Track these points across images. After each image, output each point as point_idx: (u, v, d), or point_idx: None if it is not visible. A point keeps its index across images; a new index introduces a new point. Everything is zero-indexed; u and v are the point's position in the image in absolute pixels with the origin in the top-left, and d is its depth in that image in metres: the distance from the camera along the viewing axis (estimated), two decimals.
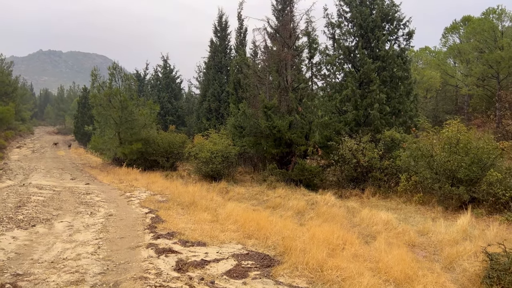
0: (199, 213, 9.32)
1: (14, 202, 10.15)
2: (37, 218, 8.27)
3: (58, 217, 8.62)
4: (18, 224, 7.52)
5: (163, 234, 7.13)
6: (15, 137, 43.86)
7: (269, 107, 16.45)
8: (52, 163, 26.21)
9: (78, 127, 45.00)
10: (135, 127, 23.35)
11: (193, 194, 12.39)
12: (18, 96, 47.96)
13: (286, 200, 13.13)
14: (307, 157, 17.99)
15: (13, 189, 13.23)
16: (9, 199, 10.69)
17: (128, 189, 14.35)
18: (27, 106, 59.66)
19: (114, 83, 24.11)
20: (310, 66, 17.07)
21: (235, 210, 9.68)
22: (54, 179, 17.36)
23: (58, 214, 8.97)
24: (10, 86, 43.34)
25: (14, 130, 45.05)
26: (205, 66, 35.31)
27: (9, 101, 40.34)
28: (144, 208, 10.14)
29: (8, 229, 7.10)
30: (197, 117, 33.37)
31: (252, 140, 17.45)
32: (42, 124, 76.70)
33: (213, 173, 18.82)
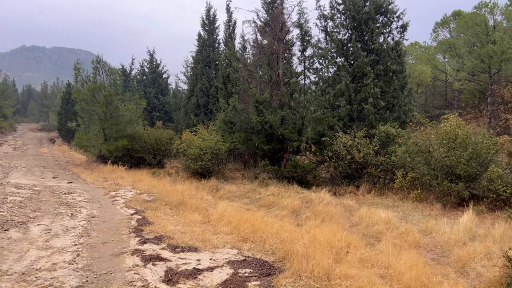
0: (189, 214, 8.71)
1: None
2: (12, 221, 7.55)
3: (35, 219, 7.92)
4: None
5: (150, 238, 6.51)
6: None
7: (260, 102, 15.87)
8: (34, 161, 25.18)
9: (62, 123, 43.74)
10: (120, 123, 22.52)
11: (182, 193, 11.75)
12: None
13: (279, 199, 12.59)
14: (300, 153, 17.49)
15: None
16: None
17: (113, 188, 13.63)
18: (9, 102, 57.81)
19: (99, 78, 23.20)
20: (302, 60, 16.54)
21: (228, 210, 9.09)
22: (34, 178, 16.49)
23: (36, 216, 8.26)
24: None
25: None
26: (193, 60, 34.49)
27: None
28: (129, 209, 9.48)
29: None
30: (185, 113, 32.60)
31: (243, 136, 16.85)
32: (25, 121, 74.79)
33: (202, 170, 18.18)
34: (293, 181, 15.77)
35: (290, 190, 14.43)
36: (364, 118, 16.85)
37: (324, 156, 15.56)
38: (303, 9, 16.84)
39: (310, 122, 16.23)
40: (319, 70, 17.92)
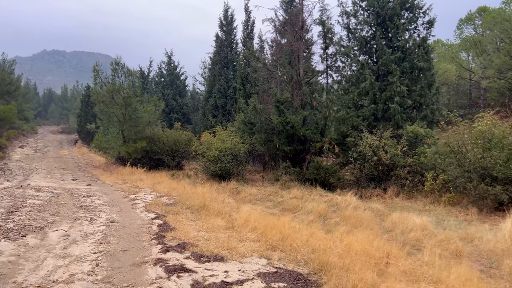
0: (211, 219, 8.29)
1: (7, 206, 9.17)
2: (30, 226, 7.27)
3: (54, 224, 7.63)
4: (7, 234, 6.53)
5: (172, 245, 6.11)
6: (18, 136, 43.06)
7: (281, 102, 15.39)
8: (54, 163, 25.30)
9: (82, 126, 44.09)
10: (139, 125, 22.36)
11: (202, 195, 11.37)
12: (20, 95, 47.09)
13: (303, 202, 12.08)
14: (322, 154, 16.93)
15: (9, 191, 12.27)
16: (2, 203, 9.71)
17: (132, 191, 13.35)
18: (31, 105, 58.79)
19: (117, 79, 23.12)
20: (325, 58, 15.97)
21: (252, 214, 8.64)
22: (54, 180, 16.41)
23: (54, 220, 7.98)
24: (12, 85, 42.47)
25: (17, 130, 44.26)
26: (211, 61, 34.25)
27: (11, 100, 39.49)
28: (150, 213, 9.13)
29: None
30: (203, 114, 32.36)
31: (263, 137, 16.40)
32: (46, 124, 76.02)
33: (221, 172, 17.80)
34: (315, 183, 15.22)
35: (313, 193, 13.90)
36: (389, 117, 16.20)
37: (348, 157, 14.96)
38: (325, 6, 16.28)
39: (333, 122, 15.66)
40: (341, 68, 17.33)
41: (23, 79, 57.35)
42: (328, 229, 8.37)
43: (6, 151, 29.24)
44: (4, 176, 17.49)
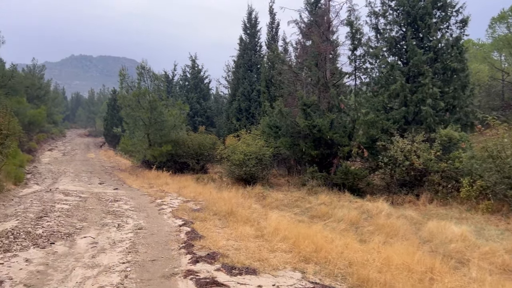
0: (240, 226, 8.05)
1: (36, 211, 9.22)
2: (58, 232, 7.23)
3: (82, 231, 7.56)
4: (36, 241, 6.48)
5: (202, 256, 5.90)
6: (47, 140, 44.22)
7: (308, 105, 15.05)
8: (81, 166, 25.75)
9: (108, 129, 44.89)
10: (164, 128, 22.46)
11: (229, 201, 11.16)
12: (49, 99, 48.40)
13: (332, 208, 11.70)
14: (349, 159, 16.46)
15: (39, 195, 12.43)
16: (32, 207, 9.79)
17: (158, 195, 13.30)
18: (59, 109, 60.42)
19: (143, 83, 23.32)
20: (353, 59, 15.54)
21: (281, 222, 8.36)
22: (82, 184, 16.60)
23: (82, 227, 7.92)
24: (41, 89, 43.70)
25: (46, 133, 45.48)
26: (234, 65, 34.22)
27: (41, 104, 40.58)
28: (177, 219, 8.98)
29: (23, 248, 6.06)
30: (227, 118, 32.30)
31: (289, 141, 16.08)
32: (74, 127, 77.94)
33: (246, 176, 17.59)
34: (344, 188, 14.79)
35: (342, 199, 13.49)
36: (421, 120, 15.61)
37: (378, 162, 14.47)
38: (353, 6, 15.85)
39: (361, 125, 15.20)
40: (369, 70, 16.84)
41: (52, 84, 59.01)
42: (362, 238, 7.99)
43: (36, 154, 30.00)
44: (34, 180, 17.83)
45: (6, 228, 7.26)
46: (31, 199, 11.34)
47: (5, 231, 6.98)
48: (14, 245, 6.16)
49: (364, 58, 15.66)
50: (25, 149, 28.90)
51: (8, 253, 5.69)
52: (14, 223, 7.80)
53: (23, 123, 31.47)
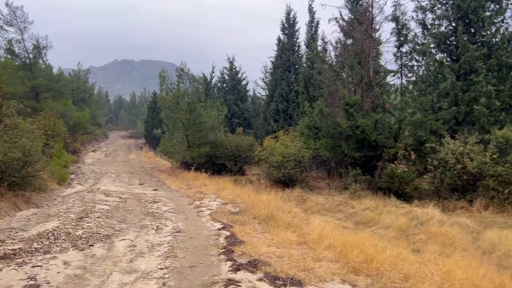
0: (281, 231, 7.64)
1: (78, 212, 9.26)
2: (97, 234, 7.13)
3: (121, 232, 7.44)
4: (75, 243, 6.39)
5: (243, 263, 5.54)
6: (91, 141, 45.83)
7: (351, 104, 14.41)
8: (122, 167, 26.31)
9: (148, 130, 45.89)
10: (203, 130, 22.49)
11: (268, 204, 10.79)
12: (93, 102, 50.25)
13: (378, 214, 11.04)
14: (394, 161, 15.62)
15: (81, 195, 12.62)
16: (74, 208, 9.87)
17: (197, 197, 13.15)
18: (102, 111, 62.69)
19: (182, 85, 23.47)
20: (399, 56, 14.72)
21: (325, 228, 7.87)
22: (122, 184, 16.82)
23: (121, 228, 7.82)
24: (86, 92, 45.44)
25: (90, 135, 47.19)
26: (272, 65, 33.88)
27: (85, 107, 42.15)
28: (216, 222, 8.71)
29: (63, 249, 5.97)
30: (264, 119, 32.00)
31: (330, 143, 15.49)
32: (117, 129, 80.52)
33: (285, 178, 17.17)
34: (389, 193, 14.02)
35: (387, 204, 12.75)
36: (473, 121, 14.52)
37: (426, 164, 13.57)
38: (398, 1, 15.02)
39: (408, 126, 14.35)
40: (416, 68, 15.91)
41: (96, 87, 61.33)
42: (415, 248, 7.36)
43: (80, 155, 31.06)
44: (77, 180, 18.31)
45: (47, 228, 7.26)
46: (73, 199, 11.50)
47: (46, 231, 6.97)
48: (54, 246, 6.09)
49: (411, 55, 14.78)
50: (70, 150, 29.99)
51: (48, 255, 5.60)
52: (56, 223, 7.81)
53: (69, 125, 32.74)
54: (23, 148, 9.70)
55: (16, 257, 5.37)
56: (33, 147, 9.99)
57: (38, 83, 28.34)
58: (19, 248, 5.78)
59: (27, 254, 5.53)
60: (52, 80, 29.18)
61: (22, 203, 9.60)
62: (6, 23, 26.27)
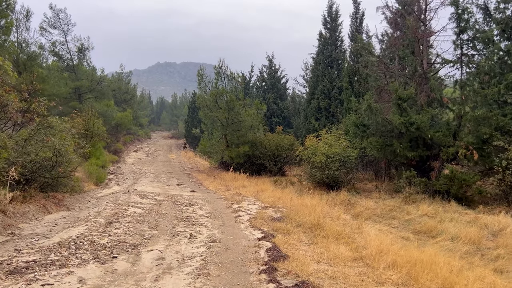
0: (331, 243, 6.59)
1: (108, 216, 8.66)
2: (124, 243, 6.41)
3: (150, 241, 6.69)
4: (97, 254, 5.68)
5: (288, 286, 4.56)
6: (134, 141, 46.58)
7: (404, 98, 13.01)
8: (162, 166, 26.12)
9: (189, 131, 45.98)
10: (241, 129, 21.72)
11: (313, 209, 9.72)
12: (136, 103, 51.10)
13: (439, 222, 9.67)
14: (452, 161, 14.01)
15: (116, 196, 12.15)
16: (105, 211, 9.31)
17: (235, 199, 12.31)
18: (145, 112, 63.87)
19: (220, 83, 22.84)
20: (459, 44, 13.10)
21: (383, 240, 6.72)
22: (160, 185, 16.34)
23: (151, 236, 7.07)
24: (128, 93, 46.18)
25: (133, 135, 48.02)
26: (313, 61, 32.62)
27: (127, 108, 42.81)
28: (255, 230, 7.78)
29: (82, 262, 5.25)
30: (305, 117, 30.81)
31: (380, 141, 14.14)
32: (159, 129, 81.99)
33: (329, 180, 15.99)
34: (447, 197, 12.50)
35: (448, 210, 11.29)
36: None
37: (492, 165, 11.94)
38: None
39: (469, 122, 12.74)
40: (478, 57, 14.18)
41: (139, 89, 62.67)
42: (497, 268, 6.04)
43: (121, 155, 31.33)
44: (115, 180, 18.08)
45: (71, 235, 6.64)
46: (107, 201, 11.01)
47: (69, 239, 6.34)
48: (73, 258, 5.40)
49: (472, 43, 13.11)
50: (112, 150, 30.31)
51: (64, 269, 4.90)
52: (82, 229, 7.20)
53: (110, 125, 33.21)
54: (53, 148, 9.24)
55: (28, 272, 4.70)
56: (64, 146, 9.53)
57: (80, 84, 28.84)
58: (33, 260, 5.13)
59: (41, 268, 4.86)
60: (94, 81, 29.58)
61: (52, 206, 9.15)
62: (50, 25, 26.84)
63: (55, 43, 28.34)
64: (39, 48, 25.81)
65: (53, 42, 28.30)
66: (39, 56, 25.03)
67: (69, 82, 28.12)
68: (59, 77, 27.17)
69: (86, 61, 32.35)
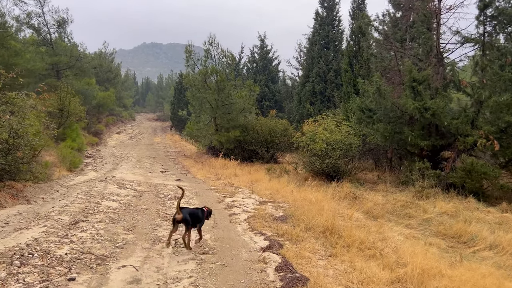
0: (355, 257, 5.18)
1: (75, 212, 7.07)
2: (89, 254, 4.87)
3: (123, 251, 5.16)
4: (48, 273, 4.14)
5: None
6: (117, 123, 44.43)
7: (419, 80, 11.57)
8: (145, 150, 24.39)
9: (174, 113, 44.01)
10: (232, 112, 20.08)
11: (319, 206, 8.32)
12: (119, 83, 48.74)
13: (464, 223, 8.37)
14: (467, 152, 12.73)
15: (90, 186, 10.52)
16: (73, 205, 7.71)
17: (227, 191, 10.82)
18: (129, 93, 61.33)
19: (210, 61, 21.03)
20: (483, 21, 11.66)
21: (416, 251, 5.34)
22: (142, 172, 14.72)
23: (125, 242, 5.54)
24: (111, 72, 43.84)
25: (116, 116, 45.80)
26: (308, 42, 30.99)
27: (110, 87, 40.59)
28: (256, 235, 6.31)
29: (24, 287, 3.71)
30: (298, 101, 29.31)
31: (388, 128, 12.74)
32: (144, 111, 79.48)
33: (329, 170, 14.62)
34: (462, 191, 11.24)
35: (468, 207, 10.03)
36: None
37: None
38: None
39: (490, 109, 11.41)
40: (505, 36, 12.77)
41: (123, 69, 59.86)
42: None
43: (102, 137, 29.41)
44: (93, 165, 16.38)
45: (20, 242, 5.07)
46: (79, 191, 9.39)
47: (15, 248, 4.77)
48: (12, 281, 3.85)
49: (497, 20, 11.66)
50: (92, 132, 28.38)
51: None
52: (38, 232, 5.63)
53: (91, 105, 31.17)
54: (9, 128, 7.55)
55: None
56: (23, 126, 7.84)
57: (58, 60, 26.60)
58: None
59: None
60: (73, 57, 27.36)
61: (7, 198, 7.51)
62: None
63: (31, 14, 25.95)
64: (13, 20, 23.52)
65: (29, 13, 25.93)
66: (11, 28, 22.77)
67: (46, 57, 25.85)
68: (35, 52, 24.96)
69: (67, 37, 30.11)
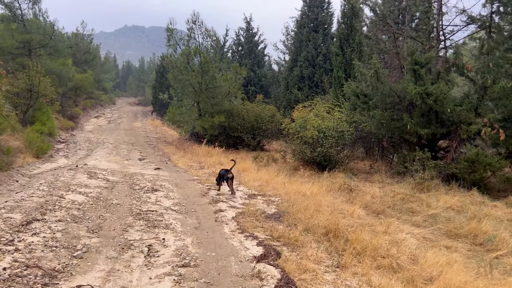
0: (369, 269, 4.23)
1: (32, 208, 5.92)
2: (35, 268, 3.78)
3: (82, 263, 4.09)
4: None
5: None
6: (95, 106, 42.53)
7: (421, 63, 10.66)
8: (124, 136, 23.03)
9: (156, 97, 42.36)
10: (217, 96, 18.89)
11: (314, 200, 7.41)
12: (98, 65, 46.60)
13: (473, 219, 7.57)
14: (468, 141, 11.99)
15: (56, 175, 9.30)
16: (31, 198, 6.54)
17: (212, 182, 9.78)
18: (109, 76, 58.98)
19: (193, 41, 19.71)
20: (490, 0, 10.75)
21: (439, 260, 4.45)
22: (118, 159, 13.50)
23: (86, 250, 4.46)
24: (90, 53, 41.75)
25: (95, 100, 43.84)
26: (296, 25, 29.77)
27: (89, 69, 38.62)
28: (248, 238, 5.31)
29: None
30: (285, 87, 28.23)
31: (386, 115, 11.85)
32: (125, 95, 77.04)
33: (320, 159, 13.71)
34: (465, 183, 10.49)
35: (473, 201, 9.26)
36: None
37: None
38: None
39: (495, 95, 10.62)
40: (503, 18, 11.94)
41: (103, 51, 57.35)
42: None
43: (78, 121, 27.79)
44: (65, 151, 15.05)
45: None
46: (42, 182, 8.19)
47: None
48: None
49: None
50: (67, 115, 26.75)
51: None
52: None
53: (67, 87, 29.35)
54: None
55: None
56: None
57: (30, 38, 24.74)
58: None
59: None
60: (46, 35, 25.50)
61: None
62: None
63: None
64: None
65: None
66: None
67: (16, 34, 24.02)
68: (4, 28, 23.12)
69: (42, 15, 28.16)
